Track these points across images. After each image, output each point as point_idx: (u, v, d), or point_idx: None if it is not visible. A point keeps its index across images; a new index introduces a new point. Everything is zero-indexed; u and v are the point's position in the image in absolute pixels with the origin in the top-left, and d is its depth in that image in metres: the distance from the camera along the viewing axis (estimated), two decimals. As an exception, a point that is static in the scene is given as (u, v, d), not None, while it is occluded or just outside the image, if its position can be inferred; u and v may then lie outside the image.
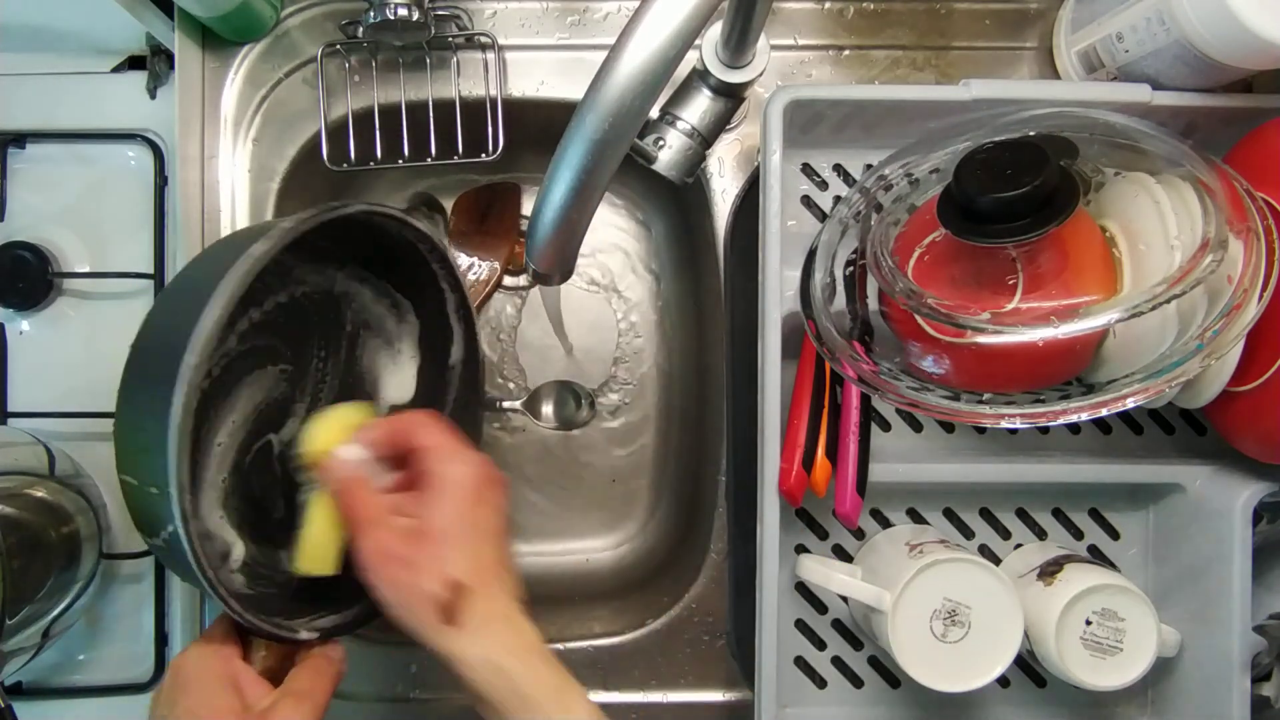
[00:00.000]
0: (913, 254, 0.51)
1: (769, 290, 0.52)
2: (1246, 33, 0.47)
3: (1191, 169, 0.48)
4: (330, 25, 0.62)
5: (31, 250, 0.61)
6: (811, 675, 0.59)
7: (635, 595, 0.68)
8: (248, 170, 0.62)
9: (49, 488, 0.57)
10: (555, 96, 0.63)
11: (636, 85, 0.30)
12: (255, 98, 0.62)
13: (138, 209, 0.62)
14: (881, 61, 0.63)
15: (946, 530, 0.60)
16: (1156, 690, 0.59)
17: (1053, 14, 0.61)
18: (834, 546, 0.60)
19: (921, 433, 0.60)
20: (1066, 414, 0.46)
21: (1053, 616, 0.52)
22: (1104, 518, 0.60)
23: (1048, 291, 0.48)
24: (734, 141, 0.63)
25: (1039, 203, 0.46)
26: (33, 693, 0.61)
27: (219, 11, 0.58)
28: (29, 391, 0.62)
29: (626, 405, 0.73)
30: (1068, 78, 0.60)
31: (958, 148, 0.52)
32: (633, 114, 0.31)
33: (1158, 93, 0.52)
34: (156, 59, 0.62)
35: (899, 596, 0.51)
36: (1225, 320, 0.45)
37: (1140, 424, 0.60)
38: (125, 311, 0.62)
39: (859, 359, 0.51)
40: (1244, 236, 0.45)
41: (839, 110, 0.55)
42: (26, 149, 0.62)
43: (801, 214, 0.60)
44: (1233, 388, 0.50)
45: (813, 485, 0.53)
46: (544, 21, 0.63)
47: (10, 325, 0.62)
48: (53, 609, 0.57)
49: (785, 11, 0.62)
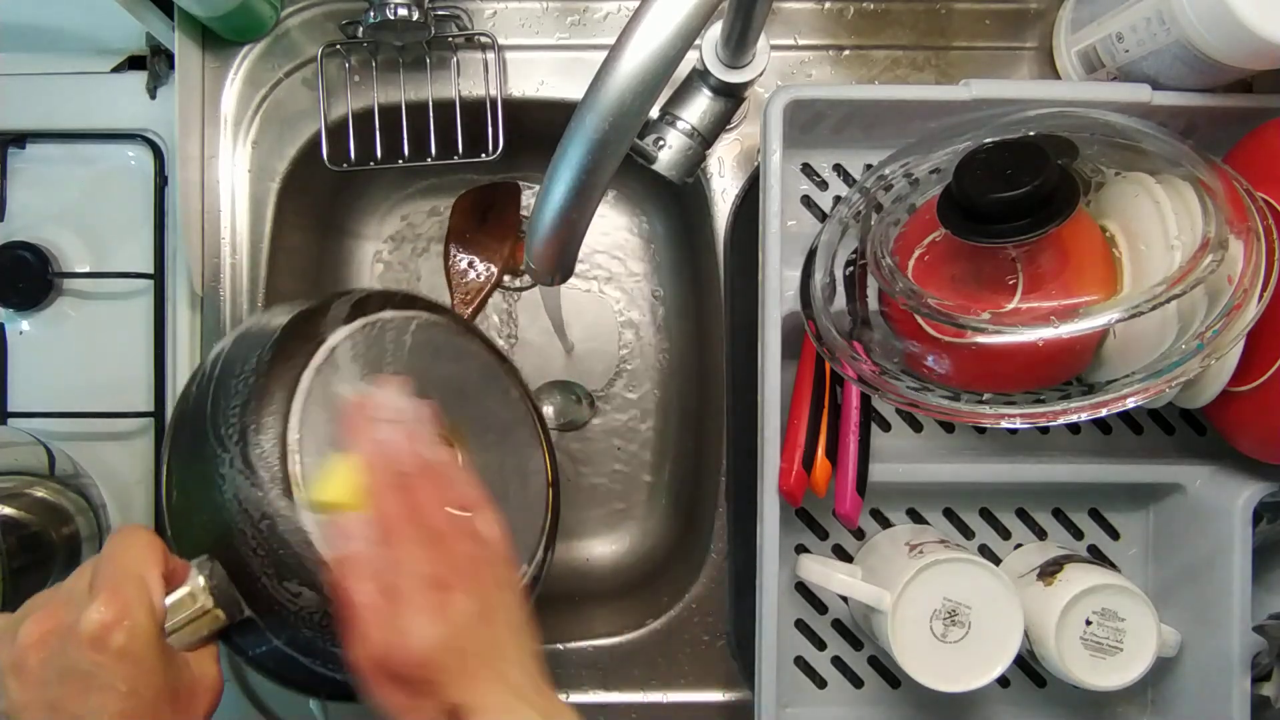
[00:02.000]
0: (913, 254, 0.51)
1: (769, 290, 0.52)
2: (1246, 33, 0.47)
3: (1191, 169, 0.48)
4: (330, 25, 0.62)
5: (31, 250, 0.61)
6: (811, 675, 0.59)
7: (635, 595, 0.68)
8: (248, 170, 0.62)
9: (49, 488, 0.58)
10: (555, 96, 0.63)
11: (636, 85, 0.30)
12: (255, 98, 0.62)
13: (138, 209, 0.62)
14: (881, 61, 0.63)
15: (946, 530, 0.60)
16: (1156, 690, 0.59)
17: (1053, 14, 0.61)
18: (834, 546, 0.60)
19: (921, 433, 0.60)
20: (1066, 414, 0.46)
21: (1053, 616, 0.52)
22: (1104, 518, 0.60)
23: (1048, 291, 0.48)
24: (734, 141, 0.63)
25: (1039, 203, 0.46)
26: (33, 693, 0.62)
27: (219, 11, 0.58)
28: (29, 391, 0.62)
29: (626, 405, 0.73)
30: (1068, 78, 0.60)
31: (958, 148, 0.52)
32: (633, 114, 0.31)
33: (1158, 93, 0.52)
34: (156, 59, 0.62)
35: (899, 596, 0.51)
36: (1225, 320, 0.45)
37: (1140, 424, 0.60)
38: (125, 311, 0.62)
39: (859, 359, 0.51)
40: (1244, 236, 0.45)
41: (839, 110, 0.55)
42: (26, 149, 0.62)
43: (801, 214, 0.60)
44: (1233, 388, 0.50)
45: (813, 485, 0.53)
46: (544, 21, 0.63)
47: (10, 325, 0.62)
48: (53, 609, 0.57)
49: (785, 11, 0.62)
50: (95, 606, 0.33)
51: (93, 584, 0.35)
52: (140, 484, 0.62)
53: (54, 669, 0.32)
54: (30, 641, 0.33)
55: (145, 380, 0.62)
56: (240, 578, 0.40)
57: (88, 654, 0.32)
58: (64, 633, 0.33)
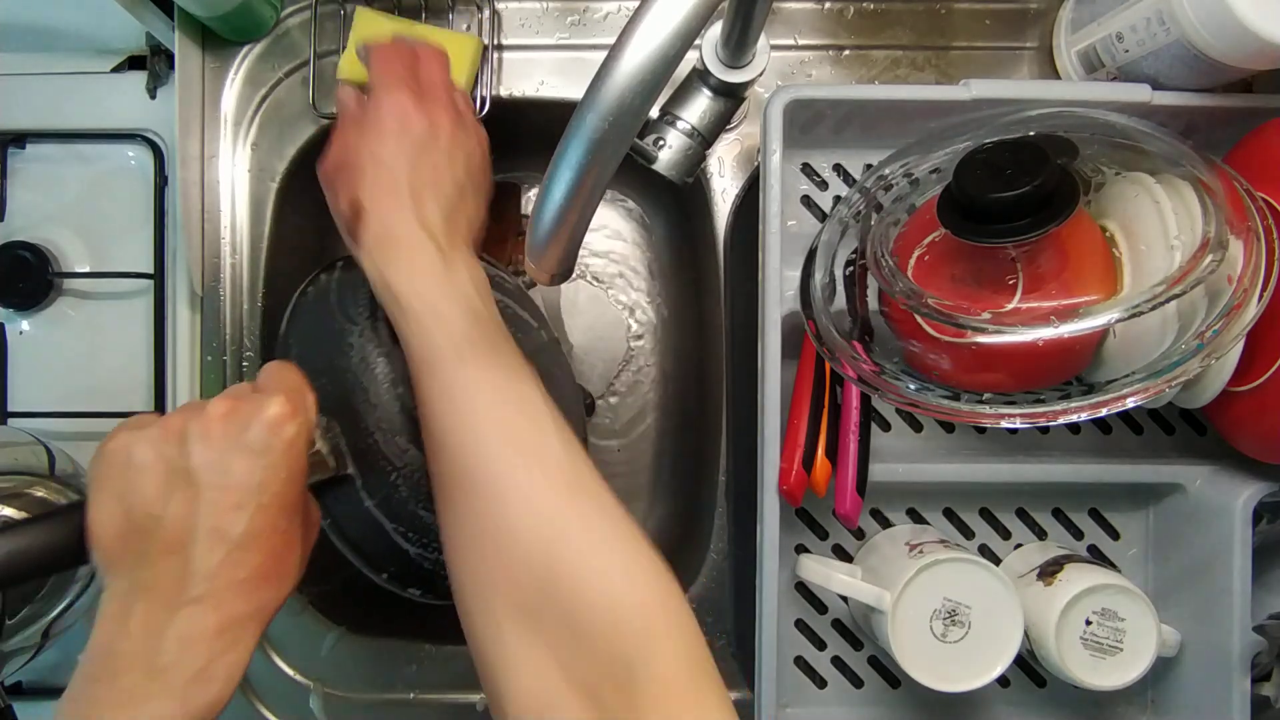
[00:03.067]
0: (913, 254, 0.51)
1: (769, 290, 0.52)
2: (1246, 33, 0.47)
3: (1191, 169, 0.48)
4: (330, 25, 0.62)
5: (31, 250, 0.61)
6: (811, 675, 0.59)
7: (635, 595, 0.68)
8: (248, 170, 0.62)
9: (49, 488, 0.57)
10: (555, 96, 0.63)
11: (636, 85, 0.30)
12: (255, 98, 0.62)
13: (138, 209, 0.62)
14: (881, 61, 0.63)
15: (946, 530, 0.60)
16: (1157, 690, 0.59)
17: (1053, 14, 0.61)
18: (834, 546, 0.60)
19: (921, 433, 0.60)
20: (1066, 414, 0.46)
21: (1053, 616, 0.52)
22: (1104, 518, 0.60)
23: (1048, 291, 0.48)
24: (734, 141, 0.63)
25: (1039, 203, 0.46)
26: (33, 693, 0.62)
27: (219, 11, 0.58)
28: (29, 391, 0.62)
29: (626, 405, 0.73)
30: (1068, 78, 0.60)
31: (958, 148, 0.52)
32: (633, 114, 0.31)
33: (1158, 93, 0.52)
34: (156, 59, 0.62)
35: (899, 596, 0.51)
36: (1225, 320, 0.45)
37: (1140, 424, 0.60)
38: (125, 311, 0.62)
39: (859, 359, 0.51)
40: (1244, 236, 0.45)
41: (839, 110, 0.55)
42: (26, 149, 0.62)
43: (801, 214, 0.60)
44: (1233, 388, 0.50)
45: (813, 485, 0.53)
46: (544, 21, 0.63)
47: (10, 325, 0.62)
48: (53, 609, 0.57)
49: (785, 11, 0.62)
50: (278, 400, 0.39)
51: (269, 387, 0.40)
52: (140, 484, 0.62)
53: (233, 441, 0.37)
54: (218, 414, 0.38)
55: (145, 380, 0.62)
56: (352, 434, 0.45)
57: (265, 434, 0.38)
58: (246, 415, 0.38)
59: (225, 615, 0.37)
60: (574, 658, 0.37)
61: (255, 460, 0.37)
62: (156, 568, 0.36)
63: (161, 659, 0.35)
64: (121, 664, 0.36)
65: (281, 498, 0.38)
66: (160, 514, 0.36)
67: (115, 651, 0.36)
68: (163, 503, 0.36)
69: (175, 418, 0.38)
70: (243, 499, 0.37)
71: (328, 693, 0.61)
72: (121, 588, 0.37)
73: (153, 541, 0.36)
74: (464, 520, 0.41)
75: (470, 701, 0.62)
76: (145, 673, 0.35)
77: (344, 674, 0.62)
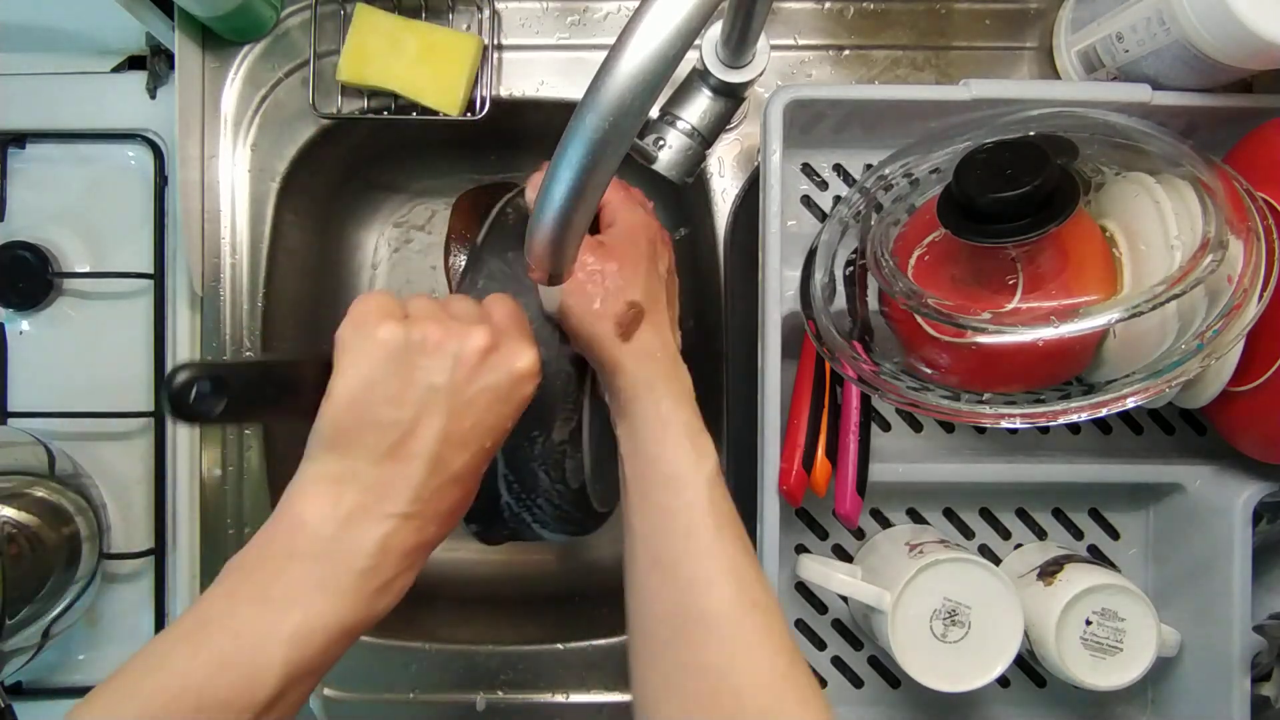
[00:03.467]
0: (913, 254, 0.51)
1: (769, 290, 0.52)
2: (1246, 33, 0.47)
3: (1191, 169, 0.48)
4: (330, 25, 0.62)
5: (31, 250, 0.61)
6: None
7: (635, 595, 0.67)
8: (248, 170, 0.62)
9: (49, 488, 0.58)
10: (555, 96, 0.63)
11: (636, 85, 0.30)
12: (255, 98, 0.62)
13: (138, 209, 0.62)
14: (881, 61, 0.63)
15: (946, 530, 0.60)
16: (1157, 690, 0.59)
17: (1053, 14, 0.61)
18: (834, 546, 0.60)
19: (921, 433, 0.60)
20: (1066, 414, 0.46)
21: (1053, 616, 0.52)
22: (1104, 518, 0.60)
23: (1048, 291, 0.48)
24: (734, 141, 0.63)
25: (1039, 203, 0.46)
26: (33, 693, 0.62)
27: (219, 11, 0.58)
28: (29, 391, 0.62)
29: (626, 405, 0.73)
30: (1068, 78, 0.60)
31: (958, 148, 0.52)
32: (633, 114, 0.31)
33: (1158, 93, 0.52)
34: (156, 59, 0.62)
35: (899, 596, 0.51)
36: (1225, 320, 0.45)
37: (1140, 424, 0.60)
38: (125, 311, 0.62)
39: (859, 359, 0.51)
40: (1244, 236, 0.45)
41: (839, 110, 0.55)
42: (26, 149, 0.62)
43: (801, 214, 0.60)
44: (1233, 388, 0.50)
45: (813, 485, 0.53)
46: (544, 21, 0.63)
47: (10, 325, 0.62)
48: (53, 609, 0.57)
49: (785, 11, 0.62)
50: (531, 355, 0.40)
51: (508, 329, 0.41)
52: (140, 483, 0.62)
53: (485, 381, 0.38)
54: (479, 347, 0.38)
55: (145, 380, 0.62)
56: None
57: (512, 385, 0.39)
58: (502, 360, 0.39)
59: (421, 539, 0.38)
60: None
61: (497, 406, 0.39)
62: (381, 468, 0.37)
63: (360, 561, 0.36)
64: (319, 548, 0.36)
65: (495, 448, 0.40)
66: (403, 419, 0.37)
67: (315, 534, 0.36)
68: (412, 409, 0.37)
69: (435, 329, 0.38)
70: (473, 439, 0.38)
71: (328, 693, 0.61)
72: (334, 470, 0.37)
73: (385, 439, 0.37)
74: (677, 649, 0.41)
75: (470, 701, 0.62)
76: (342, 567, 0.36)
77: (344, 674, 0.62)
